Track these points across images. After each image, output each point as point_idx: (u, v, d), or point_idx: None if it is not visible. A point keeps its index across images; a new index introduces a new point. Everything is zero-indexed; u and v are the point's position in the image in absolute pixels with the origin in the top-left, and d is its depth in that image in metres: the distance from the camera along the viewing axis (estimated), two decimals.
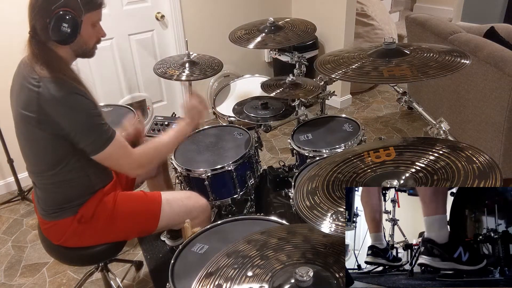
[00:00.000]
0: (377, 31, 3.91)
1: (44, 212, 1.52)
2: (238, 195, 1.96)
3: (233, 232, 1.41)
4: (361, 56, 1.35)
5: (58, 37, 1.31)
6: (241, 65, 3.71)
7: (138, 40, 3.19)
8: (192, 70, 2.29)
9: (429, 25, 2.95)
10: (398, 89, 1.56)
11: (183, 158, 1.98)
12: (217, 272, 0.95)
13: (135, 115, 2.21)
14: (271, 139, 3.41)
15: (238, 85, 2.69)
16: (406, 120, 3.58)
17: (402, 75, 1.20)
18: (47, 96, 1.30)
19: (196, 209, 1.67)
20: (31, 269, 2.28)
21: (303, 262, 0.95)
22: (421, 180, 0.92)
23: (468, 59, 1.23)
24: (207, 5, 3.37)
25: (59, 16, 1.29)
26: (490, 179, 0.84)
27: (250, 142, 2.01)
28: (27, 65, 1.36)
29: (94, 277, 2.09)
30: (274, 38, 2.10)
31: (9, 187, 2.93)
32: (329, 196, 0.97)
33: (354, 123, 2.08)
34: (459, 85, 2.67)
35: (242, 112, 2.19)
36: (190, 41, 2.99)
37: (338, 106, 3.86)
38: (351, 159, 1.08)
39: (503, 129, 2.34)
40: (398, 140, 1.10)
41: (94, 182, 1.52)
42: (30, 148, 1.44)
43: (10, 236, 2.53)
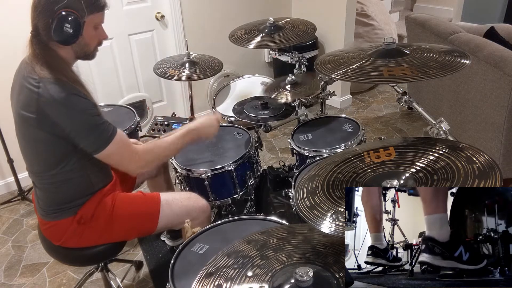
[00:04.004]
0: (377, 31, 3.91)
1: (43, 212, 1.52)
2: (238, 195, 1.96)
3: (233, 232, 1.41)
4: (361, 56, 1.35)
5: (60, 38, 1.32)
6: (241, 65, 3.71)
7: (138, 40, 3.19)
8: (192, 70, 2.29)
9: (429, 25, 2.95)
10: (398, 89, 1.56)
11: (183, 158, 1.98)
12: (217, 272, 0.95)
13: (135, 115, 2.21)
14: (271, 139, 3.40)
15: (238, 85, 2.68)
16: (406, 120, 3.58)
17: (402, 75, 1.20)
18: (46, 97, 1.30)
19: (196, 210, 1.67)
20: (31, 269, 2.27)
21: (303, 262, 0.95)
22: (421, 180, 0.92)
23: (468, 59, 1.23)
24: (207, 5, 3.37)
25: (62, 17, 1.29)
26: (490, 179, 0.84)
27: (250, 142, 2.01)
28: (28, 65, 1.36)
29: (94, 277, 2.09)
30: (274, 38, 2.10)
31: (9, 187, 2.93)
32: (329, 196, 0.97)
33: (354, 123, 2.08)
34: (459, 85, 2.67)
35: (242, 112, 2.19)
36: (190, 41, 2.99)
37: (338, 106, 3.87)
38: (351, 159, 1.08)
39: (503, 129, 2.34)
40: (398, 140, 1.10)
41: (94, 182, 1.52)
42: (30, 148, 1.44)
43: (10, 236, 2.53)
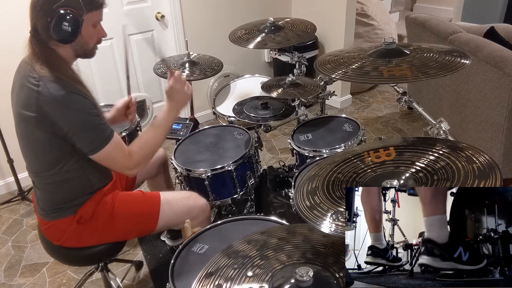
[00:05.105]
0: (377, 31, 3.90)
1: (43, 212, 1.52)
2: (238, 195, 1.96)
3: (233, 232, 1.41)
4: (361, 56, 1.35)
5: (59, 36, 1.32)
6: (241, 65, 3.71)
7: (138, 40, 3.19)
8: (192, 70, 2.29)
9: (429, 25, 2.95)
10: (398, 89, 1.56)
11: (183, 158, 1.98)
12: (217, 272, 0.95)
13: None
14: (271, 139, 3.40)
15: (238, 85, 2.69)
16: (406, 120, 3.58)
17: (402, 75, 1.20)
18: (46, 96, 1.30)
19: (196, 209, 1.66)
20: (31, 269, 2.27)
21: (303, 262, 0.95)
22: (421, 180, 0.92)
23: (468, 59, 1.23)
24: (207, 5, 3.37)
25: (60, 15, 1.29)
26: (490, 179, 0.84)
27: (250, 142, 2.01)
28: (27, 65, 1.36)
29: (94, 277, 2.09)
30: (274, 38, 2.10)
31: (9, 187, 2.93)
32: (329, 196, 0.97)
33: (354, 123, 2.08)
34: (459, 85, 2.67)
35: (242, 112, 2.19)
36: (190, 41, 2.99)
37: (338, 106, 3.86)
38: (351, 159, 1.08)
39: (503, 129, 2.34)
40: (398, 140, 1.10)
41: (93, 182, 1.52)
42: (30, 147, 1.44)
43: (10, 236, 2.53)
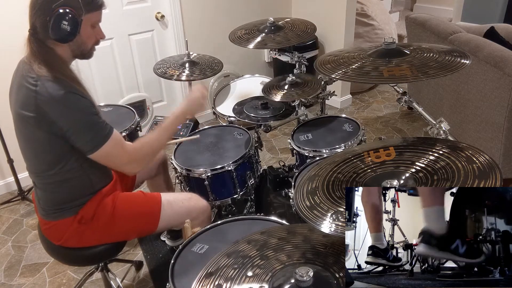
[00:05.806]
0: (377, 31, 3.90)
1: (44, 212, 1.52)
2: (238, 195, 1.96)
3: (233, 232, 1.41)
4: (361, 56, 1.35)
5: (58, 35, 1.32)
6: (241, 65, 3.71)
7: (138, 40, 3.19)
8: (192, 70, 2.29)
9: (429, 25, 2.95)
10: (398, 89, 1.56)
11: (183, 158, 1.98)
12: (217, 272, 0.95)
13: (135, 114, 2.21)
14: (271, 139, 3.40)
15: (238, 85, 2.68)
16: (406, 120, 3.58)
17: (402, 75, 1.20)
18: (44, 95, 1.30)
19: (196, 210, 1.67)
20: (31, 269, 2.27)
21: (303, 262, 0.95)
22: (421, 180, 0.92)
23: (468, 59, 1.23)
24: (207, 5, 3.37)
25: (59, 14, 1.29)
26: (490, 179, 0.84)
27: (250, 142, 2.01)
28: (26, 64, 1.36)
29: (94, 277, 2.09)
30: (274, 38, 2.10)
31: (9, 187, 2.93)
32: (329, 196, 0.97)
33: (354, 123, 2.08)
34: (459, 85, 2.67)
35: (242, 112, 2.19)
36: (190, 41, 2.99)
37: (338, 106, 3.86)
38: (351, 159, 1.08)
39: (503, 129, 2.34)
40: (398, 140, 1.10)
41: (94, 182, 1.52)
42: (30, 147, 1.44)
43: (10, 236, 2.53)
